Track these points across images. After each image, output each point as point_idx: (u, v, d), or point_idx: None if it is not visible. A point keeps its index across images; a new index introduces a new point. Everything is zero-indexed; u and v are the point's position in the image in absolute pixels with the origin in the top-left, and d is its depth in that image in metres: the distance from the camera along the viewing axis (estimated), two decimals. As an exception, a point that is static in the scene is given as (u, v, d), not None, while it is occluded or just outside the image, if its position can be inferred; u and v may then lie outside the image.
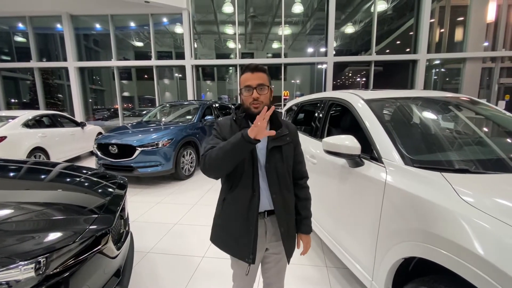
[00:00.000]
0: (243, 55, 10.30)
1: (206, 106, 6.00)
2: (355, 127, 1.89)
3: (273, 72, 10.01)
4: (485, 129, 2.00)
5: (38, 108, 10.17)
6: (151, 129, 4.96)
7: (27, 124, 5.10)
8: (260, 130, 0.99)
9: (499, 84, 9.45)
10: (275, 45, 11.12)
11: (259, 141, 1.02)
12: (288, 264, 1.27)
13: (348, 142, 1.61)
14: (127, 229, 1.82)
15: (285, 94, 9.94)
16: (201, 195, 4.01)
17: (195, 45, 10.07)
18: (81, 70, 10.09)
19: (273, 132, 1.06)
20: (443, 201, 1.12)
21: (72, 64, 9.65)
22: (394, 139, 1.55)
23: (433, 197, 1.16)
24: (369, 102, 1.89)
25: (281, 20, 9.41)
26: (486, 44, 9.23)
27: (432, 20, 9.04)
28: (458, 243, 0.98)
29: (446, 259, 1.01)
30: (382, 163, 1.51)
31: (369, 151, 1.65)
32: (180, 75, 11.28)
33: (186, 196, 4.01)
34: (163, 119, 6.06)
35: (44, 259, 1.08)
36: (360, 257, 1.65)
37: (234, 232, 1.19)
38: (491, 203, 1.03)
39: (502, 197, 1.08)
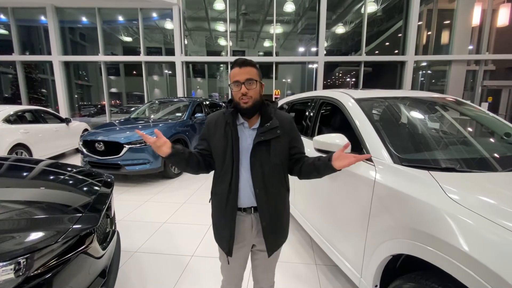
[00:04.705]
0: (234, 53, 10.23)
1: (197, 104, 5.93)
2: (345, 126, 1.90)
3: (264, 70, 10.00)
4: (470, 129, 2.06)
5: (20, 103, 9.80)
6: (140, 126, 4.86)
7: (8, 120, 4.90)
8: (156, 149, 1.13)
9: (483, 87, 9.79)
10: (267, 43, 11.10)
11: (168, 154, 1.14)
12: (268, 257, 1.26)
13: (338, 141, 1.62)
14: (113, 228, 1.78)
15: (276, 93, 9.95)
16: (190, 193, 3.96)
17: (186, 42, 9.93)
18: (66, 64, 9.78)
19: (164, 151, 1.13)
20: (431, 198, 1.14)
21: (56, 58, 9.33)
22: (383, 138, 1.57)
23: (421, 195, 1.18)
24: (359, 101, 1.91)
25: (273, 18, 9.41)
26: (471, 47, 9.53)
27: (420, 23, 9.25)
28: (444, 240, 1.00)
29: (433, 256, 1.03)
30: (372, 161, 1.53)
31: (359, 149, 1.67)
32: (170, 72, 11.11)
33: (175, 194, 3.95)
34: (152, 116, 5.95)
35: (25, 260, 1.04)
36: (349, 255, 1.67)
37: (216, 223, 1.28)
38: (476, 201, 1.06)
39: (486, 195, 1.11)
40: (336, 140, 1.63)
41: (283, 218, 1.28)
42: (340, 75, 14.53)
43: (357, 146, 1.67)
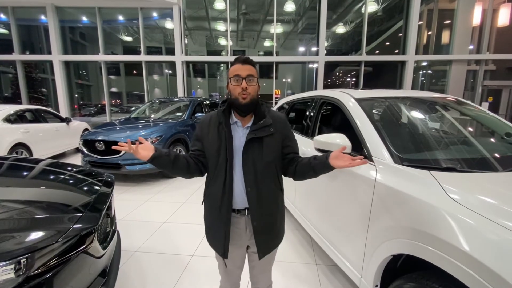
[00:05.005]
0: (235, 52, 10.22)
1: (197, 103, 5.92)
2: (346, 126, 1.90)
3: (265, 70, 9.99)
4: (471, 129, 2.05)
5: (20, 103, 9.79)
6: (140, 126, 4.85)
7: (9, 119, 4.90)
8: (135, 154, 1.16)
9: (483, 86, 9.78)
10: (267, 43, 11.10)
11: (149, 157, 1.17)
12: (259, 259, 1.24)
13: (339, 140, 1.62)
14: (113, 228, 1.78)
15: (277, 93, 9.95)
16: (191, 193, 3.96)
17: (186, 41, 9.93)
18: (67, 64, 9.77)
19: (143, 155, 1.16)
20: (432, 198, 1.13)
21: (56, 57, 9.32)
22: (384, 138, 1.57)
23: (421, 194, 1.18)
24: (360, 101, 1.91)
25: (273, 18, 9.40)
26: (471, 47, 9.51)
27: (421, 23, 9.23)
28: (445, 239, 1.00)
29: (434, 256, 1.03)
30: (372, 161, 1.53)
31: (359, 149, 1.67)
32: (170, 72, 11.11)
33: (175, 194, 3.95)
34: (152, 116, 5.95)
35: (25, 259, 1.04)
36: (349, 255, 1.67)
37: (210, 225, 1.27)
38: (476, 201, 1.06)
39: (487, 195, 1.11)
40: (337, 140, 1.63)
41: (276, 219, 1.26)
42: (341, 74, 14.53)
43: (358, 145, 1.67)
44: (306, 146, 2.32)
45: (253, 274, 1.37)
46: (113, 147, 1.20)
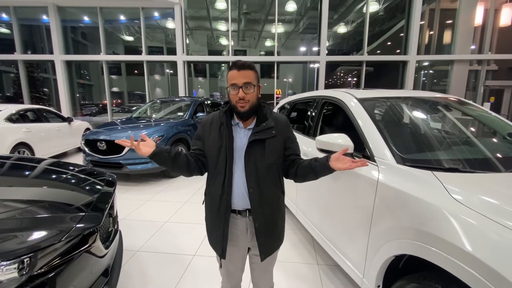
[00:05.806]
0: (236, 52, 10.23)
1: (198, 103, 5.93)
2: (348, 126, 1.90)
3: (266, 70, 9.99)
4: (473, 129, 2.05)
5: (22, 102, 9.83)
6: (141, 125, 4.86)
7: (11, 119, 4.91)
8: (137, 150, 1.17)
9: (485, 87, 9.75)
10: (268, 43, 11.10)
11: (150, 154, 1.18)
12: (261, 261, 1.23)
13: (341, 140, 1.62)
14: (116, 227, 1.78)
15: (278, 93, 9.94)
16: (192, 193, 3.97)
17: (187, 41, 9.94)
18: (68, 63, 9.79)
19: (145, 151, 1.17)
20: (435, 199, 1.13)
21: (58, 57, 9.34)
22: (386, 138, 1.56)
23: (424, 195, 1.18)
24: (362, 101, 1.90)
25: (275, 18, 9.39)
26: (473, 47, 9.48)
27: (422, 22, 9.21)
28: (448, 240, 0.99)
29: (436, 256, 1.03)
30: (375, 161, 1.53)
31: (361, 149, 1.67)
32: (171, 71, 11.12)
33: (176, 193, 3.95)
34: (154, 116, 5.96)
35: (28, 259, 1.04)
36: (351, 255, 1.66)
37: (210, 224, 1.28)
38: (479, 201, 1.05)
39: (489, 195, 1.10)
40: (338, 140, 1.63)
41: (277, 221, 1.26)
42: (342, 74, 14.52)
43: (360, 146, 1.67)
44: (308, 146, 2.32)
45: (254, 276, 1.38)
46: (116, 141, 1.22)
